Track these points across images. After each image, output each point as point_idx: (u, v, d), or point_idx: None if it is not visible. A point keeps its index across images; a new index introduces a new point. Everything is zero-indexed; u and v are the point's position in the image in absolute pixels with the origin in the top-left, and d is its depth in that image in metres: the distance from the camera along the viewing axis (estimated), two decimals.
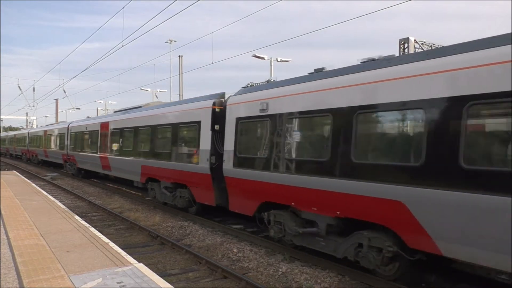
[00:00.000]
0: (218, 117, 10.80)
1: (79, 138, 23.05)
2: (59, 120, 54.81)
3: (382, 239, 6.59)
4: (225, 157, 10.17)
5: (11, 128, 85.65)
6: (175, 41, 36.56)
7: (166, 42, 35.93)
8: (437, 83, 5.72)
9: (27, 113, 65.37)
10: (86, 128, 21.97)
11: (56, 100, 59.69)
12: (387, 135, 6.55)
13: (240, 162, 9.61)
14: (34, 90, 44.98)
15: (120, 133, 17.17)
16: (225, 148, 10.21)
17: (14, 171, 26.81)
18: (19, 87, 44.99)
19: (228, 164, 9.99)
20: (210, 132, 10.84)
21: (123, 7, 31.76)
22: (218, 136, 10.77)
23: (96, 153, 19.86)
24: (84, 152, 22.05)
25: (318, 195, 7.40)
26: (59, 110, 60.12)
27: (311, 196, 7.56)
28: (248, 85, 10.50)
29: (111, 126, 18.29)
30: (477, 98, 5.25)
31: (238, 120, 9.82)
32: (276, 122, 8.55)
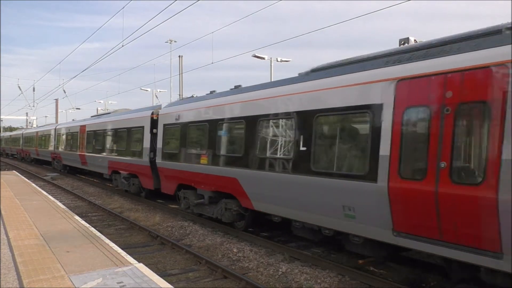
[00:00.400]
0: (155, 123, 14.34)
1: (64, 138, 26.77)
2: (59, 120, 54.94)
3: (232, 203, 10.16)
4: (157, 152, 13.70)
5: (11, 128, 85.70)
6: (175, 41, 36.57)
7: (166, 42, 35.95)
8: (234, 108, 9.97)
9: (27, 113, 65.39)
10: (69, 130, 25.79)
11: (56, 100, 59.63)
12: (228, 138, 10.28)
13: (164, 156, 13.14)
14: (34, 90, 45.00)
15: (93, 134, 20.74)
16: (157, 146, 13.80)
17: (14, 171, 26.82)
18: (19, 87, 45.01)
19: (158, 158, 13.53)
20: (149, 134, 14.59)
21: (123, 7, 31.74)
22: (155, 138, 14.25)
23: (76, 151, 23.55)
24: (67, 150, 25.68)
25: (204, 177, 10.95)
26: (59, 110, 60.08)
27: (201, 178, 11.08)
28: (179, 99, 14.82)
29: (87, 129, 21.90)
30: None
31: (164, 125, 13.39)
32: (183, 128, 12.15)
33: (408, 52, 6.51)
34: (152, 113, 14.79)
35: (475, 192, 5.06)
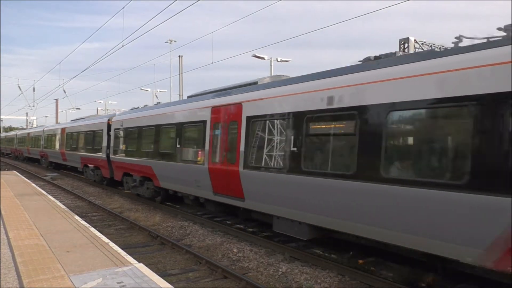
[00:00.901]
0: (110, 127, 18.69)
1: (49, 139, 31.44)
2: (59, 120, 55.00)
3: (150, 184, 14.70)
4: (110, 150, 18.33)
5: (11, 128, 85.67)
6: (175, 41, 36.58)
7: (166, 42, 35.96)
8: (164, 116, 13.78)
9: (27, 113, 65.38)
10: (53, 132, 30.21)
11: (56, 100, 59.63)
12: (147, 139, 14.66)
13: (115, 152, 17.74)
14: (34, 90, 44.99)
15: (70, 135, 25.34)
16: (110, 145, 18.27)
17: (14, 171, 26.82)
18: (19, 87, 44.98)
19: (111, 153, 18.08)
20: (106, 136, 18.98)
21: (123, 7, 31.74)
22: (109, 139, 18.62)
23: (58, 149, 28.21)
24: (51, 149, 30.35)
25: (136, 167, 15.37)
26: (59, 110, 60.08)
27: (135, 168, 15.55)
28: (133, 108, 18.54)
29: (66, 131, 26.48)
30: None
31: (114, 129, 17.94)
32: (124, 132, 16.84)
33: (219, 91, 11.55)
34: (109, 120, 19.18)
35: (233, 167, 9.54)
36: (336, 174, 6.83)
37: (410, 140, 6.07)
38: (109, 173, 19.05)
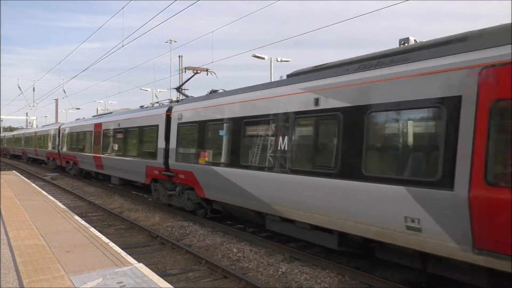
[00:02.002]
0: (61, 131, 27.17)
1: (27, 139, 40.63)
2: (58, 120, 55.07)
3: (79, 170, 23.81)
4: (61, 146, 26.24)
5: (11, 129, 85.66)
6: (175, 41, 36.53)
7: (166, 42, 35.93)
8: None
9: (27, 113, 65.31)
10: (29, 134, 40.10)
11: (56, 100, 59.63)
12: (79, 140, 22.66)
13: (62, 148, 25.44)
14: (34, 90, 45.00)
15: (38, 137, 35.05)
16: (60, 143, 26.44)
17: (14, 171, 26.82)
18: (19, 87, 45.00)
19: (62, 149, 26.08)
20: (58, 138, 27.03)
21: (123, 7, 31.69)
22: (60, 139, 26.66)
23: (32, 147, 37.70)
24: (28, 147, 39.70)
25: (73, 157, 23.39)
26: (59, 110, 60.07)
27: (73, 158, 23.85)
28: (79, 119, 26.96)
29: (37, 134, 35.55)
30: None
31: (61, 133, 26.65)
32: (67, 135, 24.64)
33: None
34: (60, 126, 27.72)
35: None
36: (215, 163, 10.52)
37: (255, 141, 9.06)
38: (60, 163, 27.67)
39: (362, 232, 6.56)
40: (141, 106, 17.52)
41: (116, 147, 17.34)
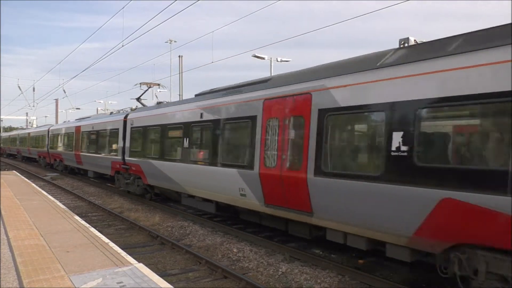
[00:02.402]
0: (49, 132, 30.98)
1: (21, 140, 45.60)
2: (59, 120, 55.12)
3: (63, 163, 27.99)
4: (49, 146, 30.72)
5: (11, 128, 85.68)
6: (175, 41, 36.52)
7: (166, 42, 35.92)
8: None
9: (27, 113, 65.33)
10: (28, 135, 42.64)
11: (56, 100, 59.62)
12: (58, 140, 28.14)
13: (51, 148, 29.94)
14: (34, 90, 45.00)
15: (29, 138, 40.07)
16: (48, 143, 30.95)
17: (14, 171, 26.82)
18: (19, 87, 45.00)
19: (50, 149, 30.48)
20: (47, 138, 31.12)
21: (123, 7, 31.72)
22: (49, 139, 30.68)
23: (25, 147, 42.67)
24: (21, 147, 45.64)
25: (59, 155, 27.83)
26: (59, 110, 60.04)
27: (59, 156, 28.24)
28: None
29: (31, 134, 40.09)
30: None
31: (51, 134, 30.67)
32: (54, 136, 29.31)
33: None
34: (49, 128, 31.69)
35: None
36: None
37: (173, 141, 12.77)
38: (49, 160, 32.70)
39: (224, 200, 10.36)
40: (111, 113, 21.62)
41: (91, 146, 20.83)
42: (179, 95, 38.48)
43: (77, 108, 57.21)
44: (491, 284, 5.25)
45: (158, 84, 19.23)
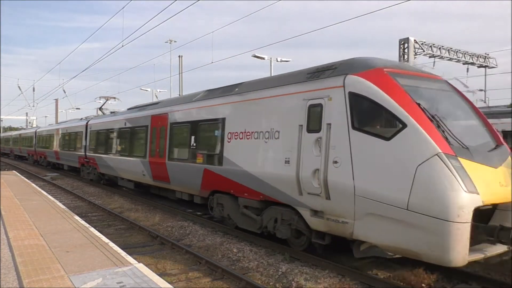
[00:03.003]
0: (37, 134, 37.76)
1: (17, 140, 49.75)
2: (58, 120, 55.10)
3: (47, 159, 34.41)
4: (36, 144, 36.84)
5: (10, 128, 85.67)
6: (175, 41, 36.56)
7: (166, 42, 35.94)
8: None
9: (27, 113, 65.42)
10: (19, 135, 49.01)
11: (56, 100, 59.62)
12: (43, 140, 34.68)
13: (37, 146, 36.42)
14: (34, 90, 45.03)
15: (20, 138, 46.56)
16: (36, 142, 37.13)
17: (14, 171, 26.82)
18: (19, 87, 45.10)
19: (35, 147, 37.86)
20: (35, 139, 37.28)
21: (123, 7, 31.70)
22: (36, 140, 37.52)
23: (17, 146, 48.74)
24: (14, 146, 51.51)
25: (44, 153, 33.42)
26: (59, 110, 60.02)
27: (44, 153, 33.78)
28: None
29: (21, 136, 46.70)
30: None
31: (37, 135, 36.98)
32: (39, 136, 35.97)
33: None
34: (36, 130, 37.47)
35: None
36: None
37: (112, 141, 18.40)
38: (36, 158, 38.68)
39: (136, 179, 15.83)
40: (81, 118, 26.55)
41: (65, 145, 26.62)
42: (179, 95, 38.46)
43: (77, 108, 57.20)
44: (220, 212, 10.69)
45: (114, 98, 27.64)
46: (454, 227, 5.43)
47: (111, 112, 21.81)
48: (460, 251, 5.50)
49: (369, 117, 6.77)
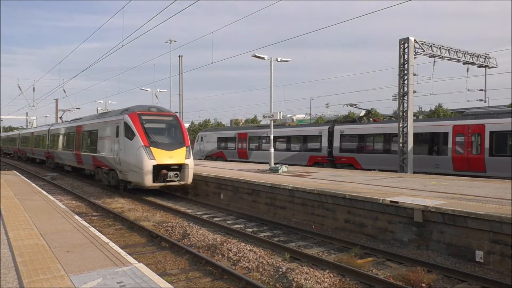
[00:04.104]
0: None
1: (5, 140, 58.01)
2: (58, 120, 55.22)
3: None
4: (22, 143, 46.23)
5: (10, 128, 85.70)
6: (175, 41, 36.54)
7: (166, 42, 35.93)
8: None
9: (27, 113, 65.30)
10: (7, 137, 58.24)
11: (56, 100, 59.64)
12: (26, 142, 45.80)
13: (21, 145, 46.84)
14: (34, 90, 45.06)
15: (9, 139, 56.53)
16: (17, 143, 48.94)
17: (14, 171, 26.82)
18: (19, 87, 45.12)
19: (19, 146, 48.73)
20: (18, 139, 49.00)
21: (123, 7, 31.73)
22: (19, 140, 48.67)
23: (6, 146, 56.84)
24: (5, 146, 57.13)
25: (30, 150, 41.73)
26: (59, 110, 59.95)
27: (13, 149, 51.20)
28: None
29: (9, 137, 57.33)
30: None
31: (20, 136, 48.66)
32: (22, 139, 46.97)
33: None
34: (19, 133, 48.96)
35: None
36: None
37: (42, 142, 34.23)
38: (27, 155, 43.13)
39: (71, 164, 25.46)
40: (46, 125, 38.28)
41: (37, 144, 36.36)
42: (179, 94, 38.46)
43: (77, 108, 57.13)
44: (98, 176, 20.75)
45: (77, 108, 41.49)
46: (145, 171, 15.19)
47: (64, 121, 32.60)
48: (149, 181, 15.37)
49: (127, 131, 16.44)
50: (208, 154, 34.73)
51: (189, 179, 16.33)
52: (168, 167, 15.79)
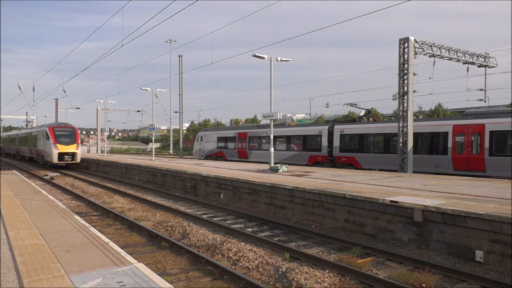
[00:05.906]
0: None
1: None
2: (58, 120, 55.23)
3: None
4: (3, 143, 61.07)
5: (10, 128, 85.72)
6: (175, 41, 36.57)
7: (166, 41, 35.94)
8: None
9: (27, 113, 65.33)
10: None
11: (56, 99, 59.66)
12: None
13: (2, 144, 60.07)
14: (34, 90, 45.09)
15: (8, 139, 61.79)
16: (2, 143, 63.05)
17: (14, 170, 26.82)
18: (19, 86, 45.17)
19: (0, 145, 61.87)
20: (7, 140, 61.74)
21: (123, 7, 31.76)
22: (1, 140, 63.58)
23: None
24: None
25: (9, 149, 56.90)
26: (59, 110, 60.02)
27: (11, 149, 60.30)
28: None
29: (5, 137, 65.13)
30: None
31: (3, 137, 64.08)
32: (5, 139, 60.59)
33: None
34: (18, 132, 55.43)
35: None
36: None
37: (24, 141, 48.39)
38: (21, 154, 47.59)
39: (30, 155, 41.25)
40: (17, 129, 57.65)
41: (14, 143, 49.22)
42: (179, 94, 38.45)
43: (77, 108, 57.17)
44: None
45: (46, 116, 56.63)
46: (54, 154, 32.31)
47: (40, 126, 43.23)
48: (55, 160, 32.32)
49: (47, 136, 33.09)
50: (208, 154, 34.65)
51: (78, 160, 33.15)
52: (66, 154, 32.30)
